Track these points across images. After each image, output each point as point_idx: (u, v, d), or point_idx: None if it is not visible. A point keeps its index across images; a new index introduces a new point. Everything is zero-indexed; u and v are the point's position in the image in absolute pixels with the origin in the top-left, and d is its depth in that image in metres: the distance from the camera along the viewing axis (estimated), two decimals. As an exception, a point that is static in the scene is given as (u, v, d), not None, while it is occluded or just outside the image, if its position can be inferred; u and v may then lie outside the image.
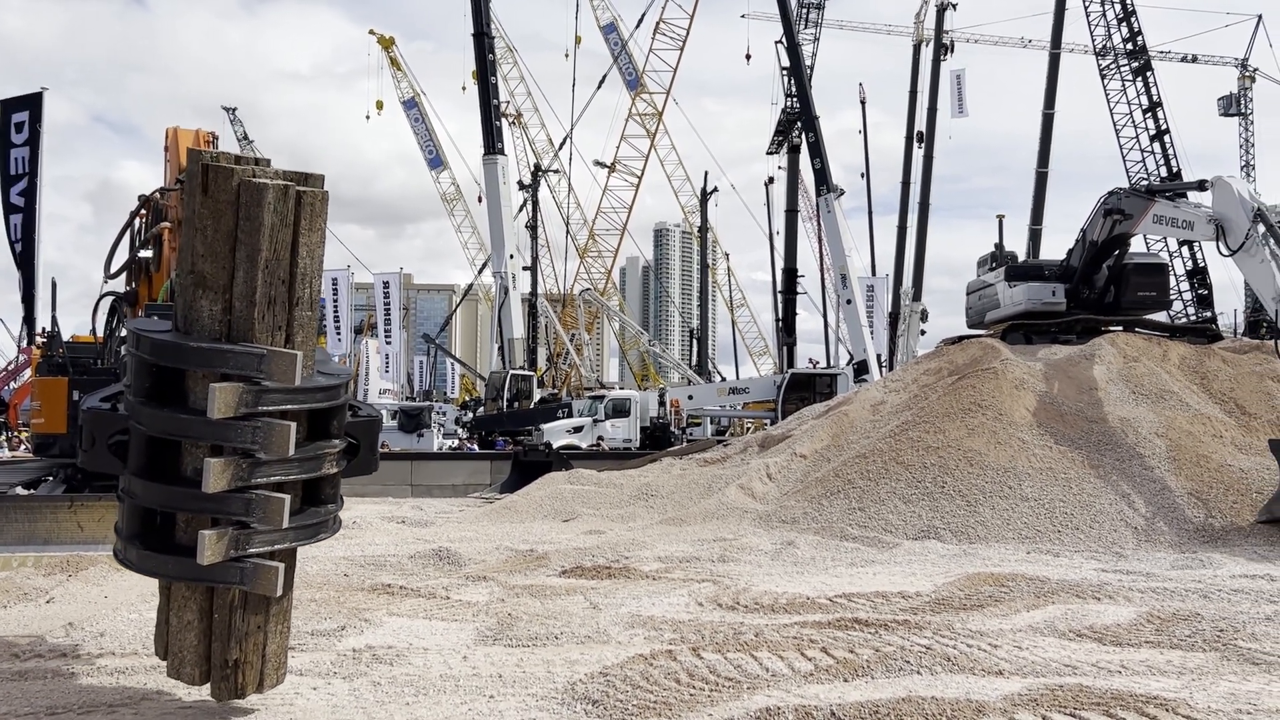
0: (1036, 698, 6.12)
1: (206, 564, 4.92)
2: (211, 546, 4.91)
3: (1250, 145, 69.40)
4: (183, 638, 5.28)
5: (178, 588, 5.29)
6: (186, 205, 5.25)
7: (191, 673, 5.31)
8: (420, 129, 70.90)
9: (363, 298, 72.73)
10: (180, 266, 5.27)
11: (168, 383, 5.13)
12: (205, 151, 5.21)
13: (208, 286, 5.11)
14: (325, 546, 13.61)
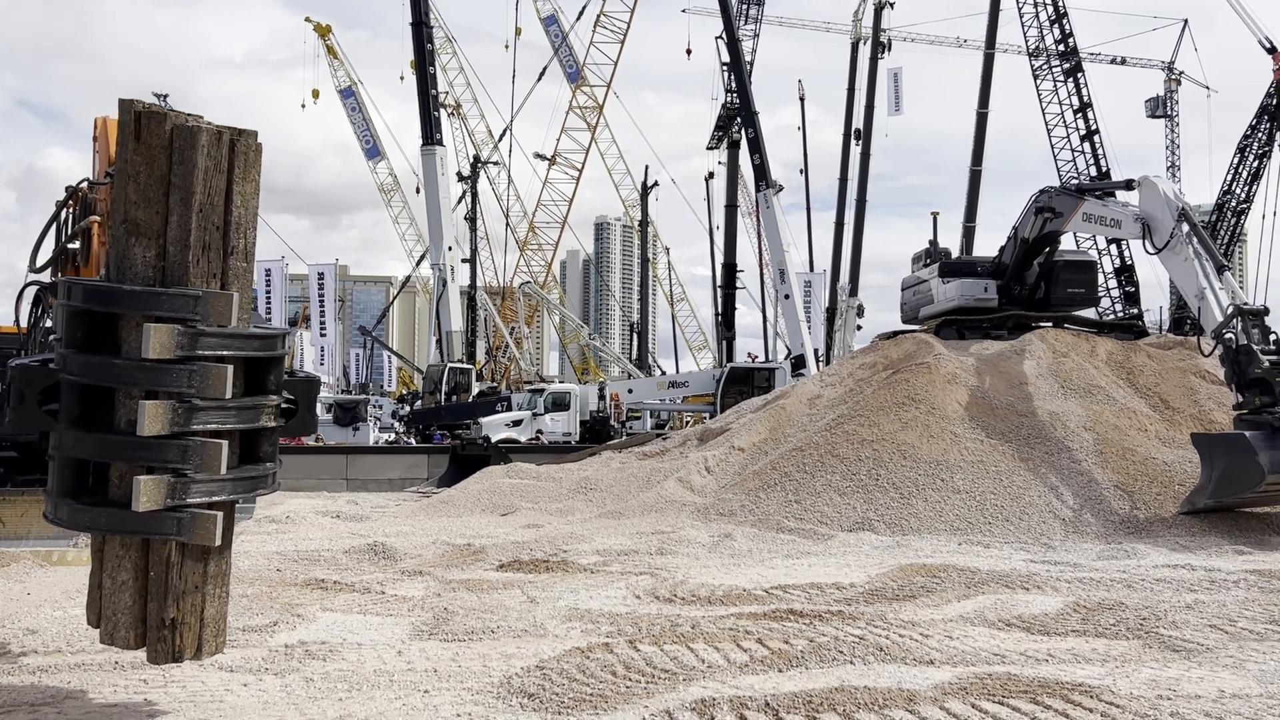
0: (966, 686, 6.23)
1: (142, 511, 4.80)
2: (147, 493, 4.79)
3: (1176, 147, 71.22)
4: (117, 599, 5.13)
5: (111, 547, 5.14)
6: (119, 155, 5.17)
7: (126, 635, 5.15)
8: (357, 119, 70.00)
9: (297, 289, 71.62)
10: (113, 217, 5.17)
11: (100, 330, 5.02)
12: (136, 100, 5.14)
13: (141, 233, 5.03)
14: (257, 542, 13.41)
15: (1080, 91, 46.50)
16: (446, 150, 45.25)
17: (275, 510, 16.93)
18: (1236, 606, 9.03)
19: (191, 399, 4.88)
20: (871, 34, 53.30)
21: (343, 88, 69.35)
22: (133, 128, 5.03)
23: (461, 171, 59.01)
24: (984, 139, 50.75)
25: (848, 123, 54.32)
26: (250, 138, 5.25)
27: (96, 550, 5.26)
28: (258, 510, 15.05)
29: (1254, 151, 47.81)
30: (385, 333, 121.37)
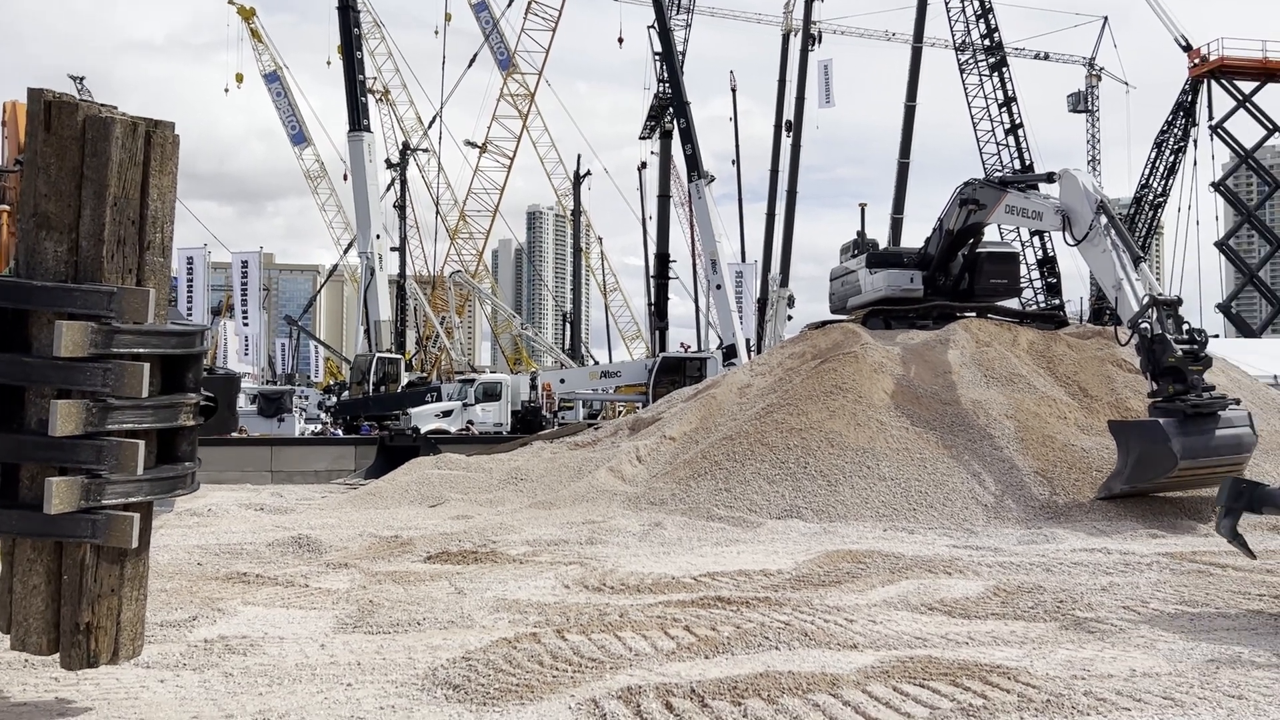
0: (888, 669, 6.33)
1: (54, 513, 4.66)
2: (60, 495, 4.65)
3: (1096, 141, 72.97)
4: (28, 604, 4.98)
5: (22, 549, 4.98)
6: (28, 146, 5.01)
7: (39, 641, 5.00)
8: (283, 104, 68.65)
9: (220, 278, 70.10)
10: (22, 211, 5.00)
11: (10, 328, 4.86)
12: (46, 90, 4.97)
13: (52, 227, 4.86)
14: (177, 535, 13.12)
15: (1005, 86, 47.40)
16: (374, 137, 44.66)
17: (197, 503, 16.58)
18: (1149, 588, 9.31)
19: (106, 398, 4.75)
20: (802, 26, 53.65)
21: (268, 72, 67.98)
22: (43, 118, 4.86)
23: (390, 159, 58.25)
24: (912, 132, 51.45)
25: (779, 114, 54.70)
26: (167, 129, 5.11)
27: (6, 553, 5.09)
28: (178, 503, 14.74)
29: (1170, 146, 49.14)
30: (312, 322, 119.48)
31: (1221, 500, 7.84)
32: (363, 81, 42.79)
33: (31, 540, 4.90)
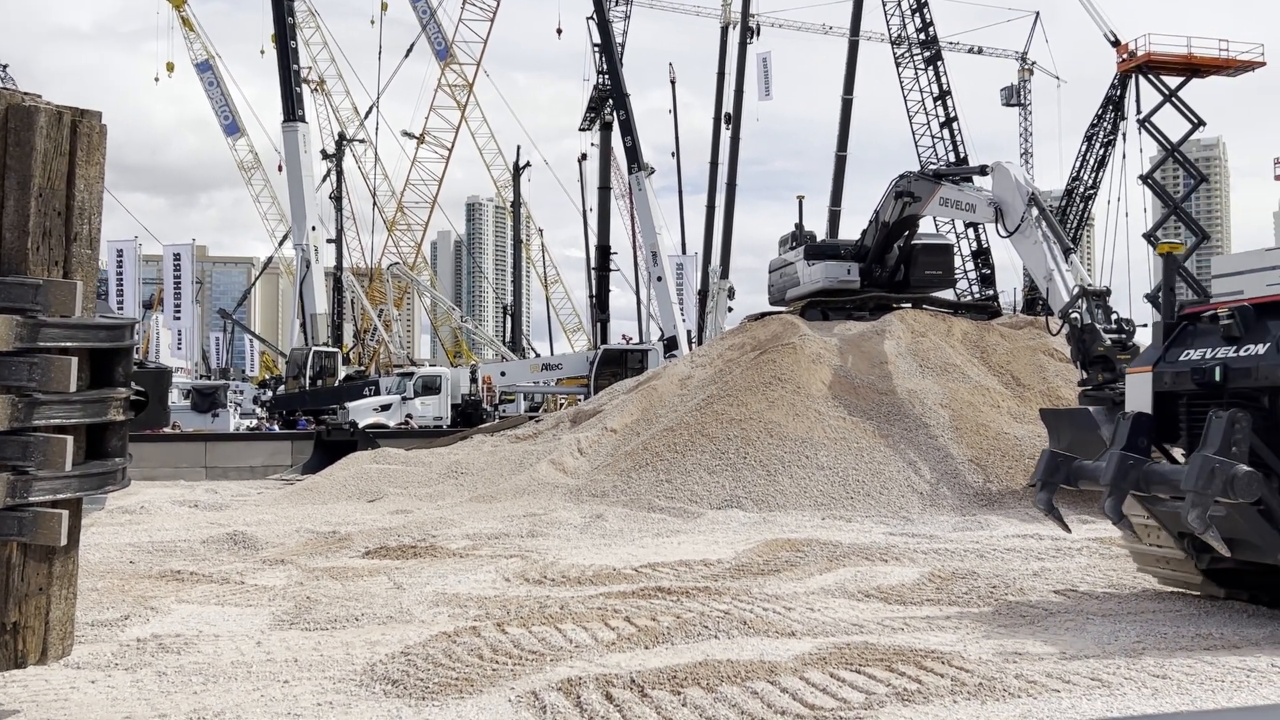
0: (825, 656, 6.42)
1: None
2: None
3: (1029, 134, 74.29)
4: None
5: None
6: None
7: None
8: (215, 93, 67.31)
9: (152, 271, 68.66)
10: None
11: None
12: None
13: None
14: (109, 533, 12.86)
15: (940, 79, 48.02)
16: (309, 127, 44.00)
17: (129, 500, 16.26)
18: (1079, 573, 9.54)
19: (33, 393, 4.65)
20: (740, 19, 53.84)
21: (199, 61, 66.59)
22: None
23: (326, 149, 57.46)
24: (849, 125, 51.90)
25: (718, 107, 54.86)
26: (94, 118, 5.01)
27: None
28: (110, 501, 14.45)
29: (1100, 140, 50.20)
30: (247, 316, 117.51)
31: (1037, 475, 7.90)
32: (297, 71, 42.11)
33: None
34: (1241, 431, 6.81)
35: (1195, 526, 6.72)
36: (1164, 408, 7.87)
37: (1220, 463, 6.67)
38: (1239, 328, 7.43)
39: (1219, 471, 6.64)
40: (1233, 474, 6.64)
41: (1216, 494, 6.65)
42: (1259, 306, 7.57)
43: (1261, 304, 7.60)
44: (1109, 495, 7.29)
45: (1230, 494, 6.65)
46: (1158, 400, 7.88)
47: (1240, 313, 7.50)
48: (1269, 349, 7.16)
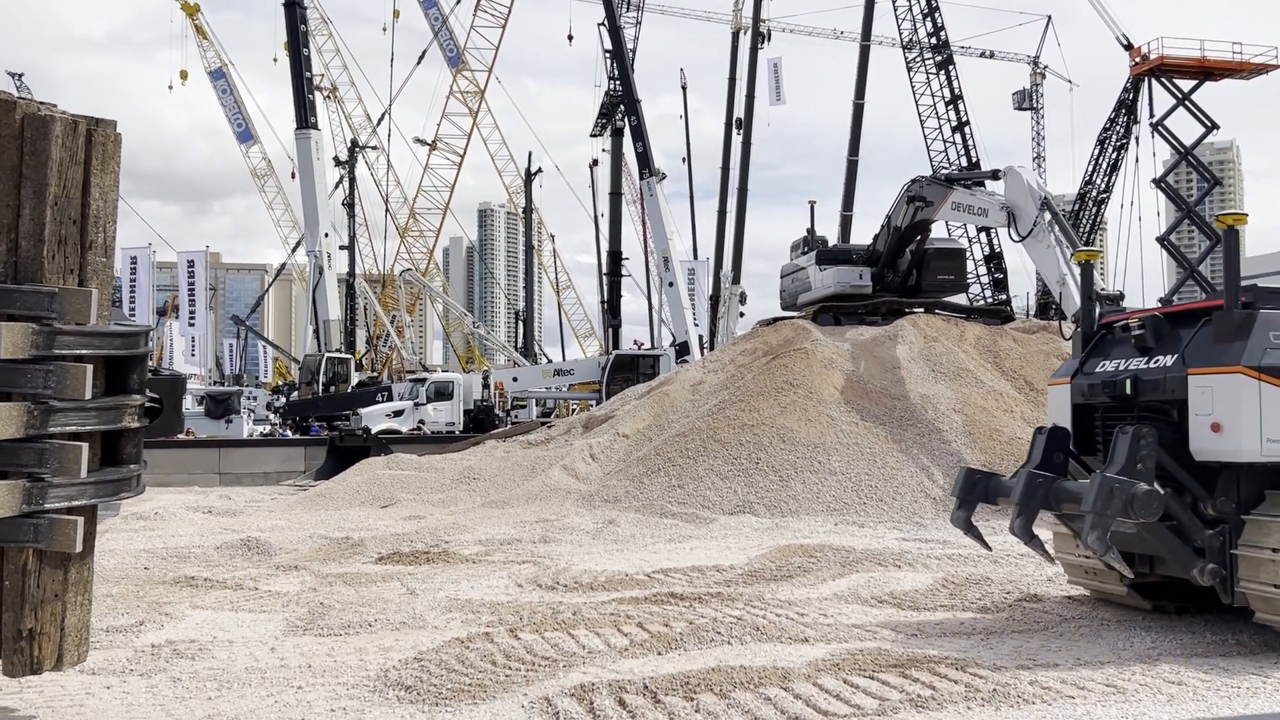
0: (839, 662, 6.40)
1: None
2: (1, 499, 4.57)
3: (1041, 138, 74.05)
4: None
5: None
6: None
7: None
8: (229, 101, 67.63)
9: (166, 278, 68.93)
10: None
11: None
12: None
13: None
14: (123, 539, 12.91)
15: (951, 84, 47.92)
16: (322, 134, 44.19)
17: (144, 507, 16.32)
18: (1093, 578, 9.48)
19: (48, 400, 4.67)
20: (752, 24, 53.84)
21: (213, 69, 66.92)
22: None
23: (339, 156, 57.61)
24: (860, 129, 51.82)
25: (729, 112, 54.86)
26: (109, 127, 5.04)
27: None
28: (124, 507, 14.52)
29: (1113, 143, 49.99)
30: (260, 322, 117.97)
31: (956, 491, 7.71)
32: (310, 78, 42.31)
33: None
34: (1147, 447, 6.65)
35: (1095, 548, 6.54)
36: (1082, 421, 7.72)
37: (1119, 482, 6.50)
38: (1151, 338, 7.28)
39: (1118, 491, 6.47)
40: (1132, 493, 6.47)
41: (1116, 514, 6.49)
42: (1170, 316, 7.41)
43: (1173, 314, 7.45)
44: (1017, 515, 7.10)
45: (1130, 514, 6.49)
46: (1076, 413, 7.75)
47: (1151, 323, 7.34)
48: (1176, 360, 7.00)
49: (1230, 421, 6.61)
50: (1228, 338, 6.78)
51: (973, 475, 7.60)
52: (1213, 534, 6.80)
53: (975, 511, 7.62)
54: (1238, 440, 6.58)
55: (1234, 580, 6.69)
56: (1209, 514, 6.86)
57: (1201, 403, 6.76)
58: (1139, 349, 7.37)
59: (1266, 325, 6.74)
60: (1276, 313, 6.80)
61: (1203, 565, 6.77)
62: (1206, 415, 6.73)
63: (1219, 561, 6.76)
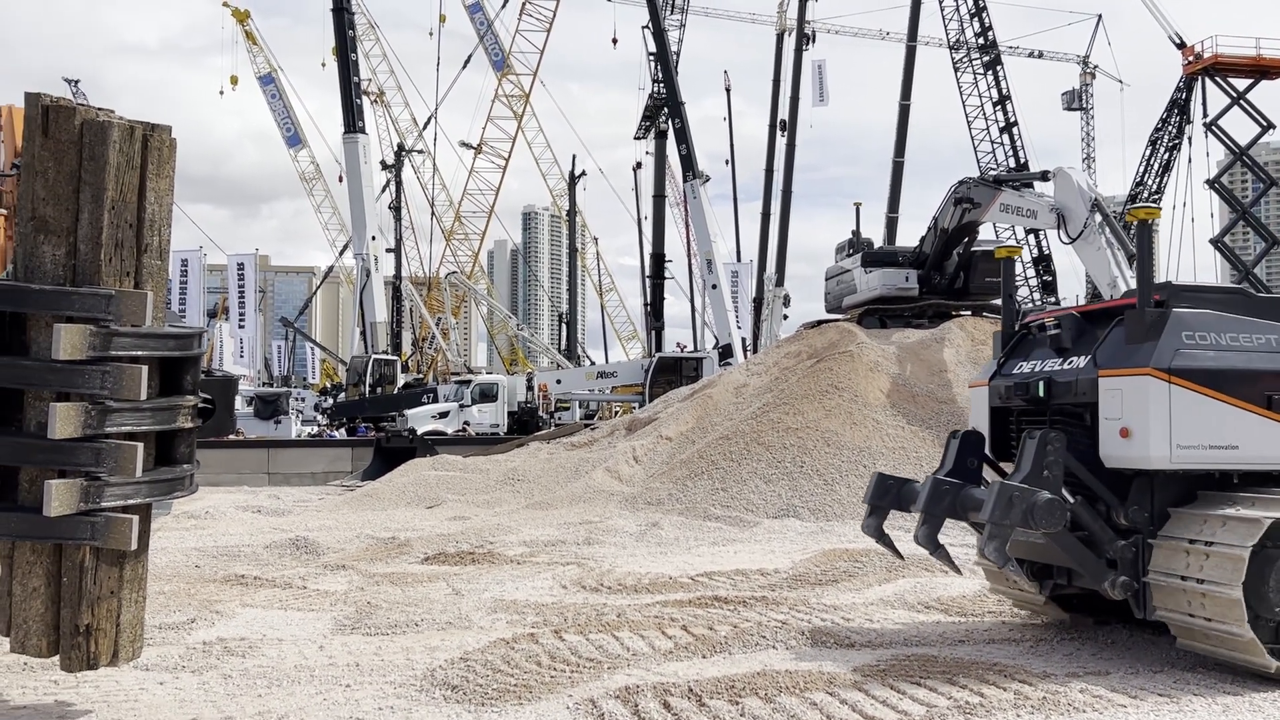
0: (885, 668, 6.35)
1: (54, 516, 4.68)
2: (59, 497, 4.66)
3: (1091, 139, 73.07)
4: (28, 606, 4.98)
5: (22, 552, 4.99)
6: (25, 150, 5.03)
7: (39, 644, 5.01)
8: (278, 106, 68.54)
9: (216, 280, 70.01)
10: (20, 215, 5.02)
11: (8, 331, 4.88)
12: (44, 94, 4.99)
13: (50, 231, 4.89)
14: (175, 538, 13.12)
15: (999, 84, 47.43)
16: (369, 138, 44.70)
17: (194, 506, 16.58)
18: (1145, 585, 9.32)
19: (105, 400, 4.76)
20: (796, 25, 53.64)
21: (262, 74, 67.87)
22: (40, 122, 4.88)
23: (385, 160, 58.21)
24: (906, 131, 51.43)
25: (773, 114, 54.66)
26: (164, 132, 5.13)
27: (5, 556, 5.09)
28: (176, 506, 14.76)
29: (1164, 144, 49.22)
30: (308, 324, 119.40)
31: (867, 498, 7.35)
32: (357, 83, 42.81)
33: (31, 543, 4.91)
34: (1054, 453, 6.31)
35: (994, 560, 6.20)
36: (1000, 424, 7.40)
37: (1019, 491, 6.14)
38: (1068, 338, 6.94)
39: (1018, 500, 6.10)
40: (1033, 503, 6.11)
41: (1016, 524, 6.13)
42: (1086, 315, 7.09)
43: (1089, 312, 7.12)
44: (921, 523, 6.79)
45: (1031, 524, 6.12)
46: (994, 416, 7.42)
47: (1067, 322, 7.01)
48: (1088, 362, 6.65)
49: (1139, 426, 6.22)
50: (1139, 338, 6.41)
51: (884, 481, 7.28)
52: (1125, 545, 6.40)
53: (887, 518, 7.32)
54: (1146, 446, 6.19)
55: (1146, 595, 6.32)
56: (1122, 524, 6.47)
57: (1111, 406, 6.40)
58: (1056, 350, 7.03)
59: (1179, 325, 6.37)
60: (1191, 312, 6.44)
61: (1114, 578, 6.37)
62: (1116, 419, 6.36)
63: (1131, 574, 6.37)
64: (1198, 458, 6.22)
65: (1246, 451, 6.26)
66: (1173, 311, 6.43)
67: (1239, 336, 6.42)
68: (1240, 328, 6.46)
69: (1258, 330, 6.47)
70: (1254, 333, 6.46)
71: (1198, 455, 6.21)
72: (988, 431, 7.42)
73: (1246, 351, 6.38)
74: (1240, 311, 6.56)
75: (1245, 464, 6.32)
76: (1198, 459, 6.23)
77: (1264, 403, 6.28)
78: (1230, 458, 6.27)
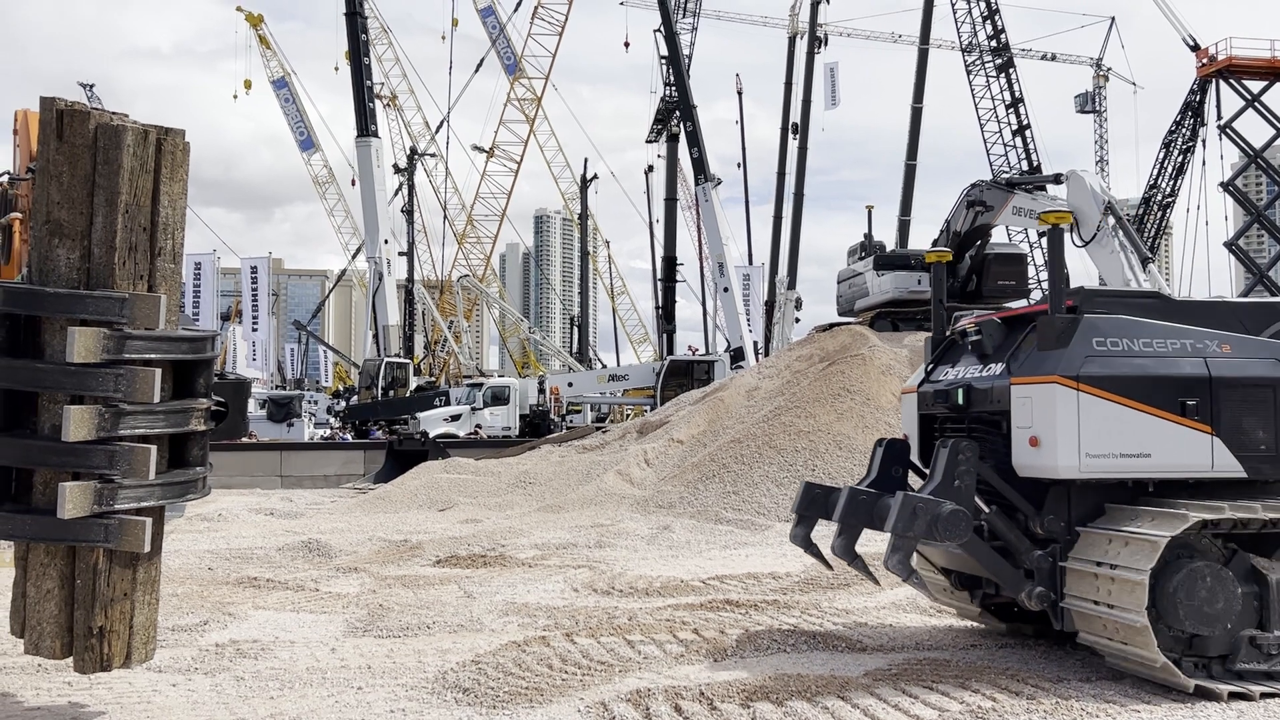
0: (898, 673, 6.33)
1: (68, 518, 4.70)
2: (73, 499, 4.68)
3: (1104, 141, 72.87)
4: (42, 608, 5.01)
5: (36, 554, 5.02)
6: (40, 154, 5.06)
7: (52, 645, 5.03)
8: (291, 110, 68.83)
9: (229, 283, 70.33)
10: (35, 218, 5.05)
11: (23, 334, 4.91)
12: (58, 99, 5.02)
13: (64, 234, 4.92)
14: (188, 540, 13.17)
15: (1012, 87, 47.36)
16: (382, 142, 44.78)
17: (207, 508, 16.65)
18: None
19: (119, 403, 4.78)
20: (808, 28, 53.65)
21: (275, 79, 68.18)
22: (55, 126, 4.91)
23: (398, 164, 58.34)
24: (919, 133, 51.40)
25: (785, 117, 54.67)
26: (178, 136, 5.16)
27: (20, 558, 5.13)
28: (189, 508, 14.83)
29: (1178, 146, 49.02)
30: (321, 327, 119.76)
31: (795, 507, 7.24)
32: (370, 87, 42.93)
33: (45, 545, 4.94)
34: (966, 463, 6.16)
35: (897, 573, 6.06)
36: (927, 431, 7.25)
37: (923, 503, 6.01)
38: (989, 344, 6.78)
39: (922, 511, 5.98)
40: (937, 514, 5.97)
41: (920, 536, 6.00)
42: (1007, 320, 6.93)
43: (1010, 318, 6.95)
44: (838, 533, 6.69)
45: (935, 536, 5.99)
46: (922, 423, 7.28)
47: (988, 328, 6.86)
48: (1004, 369, 6.50)
49: (1047, 435, 6.05)
50: (1049, 345, 6.26)
51: (812, 490, 7.18)
52: (1041, 555, 6.23)
53: (814, 528, 7.20)
54: (1054, 455, 6.00)
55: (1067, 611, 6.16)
56: (1039, 533, 6.30)
57: (1021, 415, 6.24)
58: (979, 356, 6.89)
59: (1090, 331, 6.20)
60: (1102, 318, 6.28)
61: (1031, 588, 6.20)
62: (1026, 428, 6.20)
63: (1048, 584, 6.20)
64: (1108, 467, 6.05)
65: (1159, 460, 6.08)
66: (1084, 318, 6.28)
67: (1153, 342, 6.23)
68: (1154, 333, 6.28)
69: (1173, 335, 6.28)
70: (1169, 338, 6.27)
71: (1108, 464, 6.04)
72: (916, 439, 7.30)
73: (1160, 357, 6.19)
74: (1156, 316, 6.38)
75: (1158, 472, 6.15)
76: (1108, 468, 6.06)
77: (1177, 409, 6.09)
78: (1142, 466, 6.09)
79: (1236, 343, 6.35)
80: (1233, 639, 5.87)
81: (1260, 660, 5.90)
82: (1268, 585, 5.91)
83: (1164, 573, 5.77)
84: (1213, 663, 5.89)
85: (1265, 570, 5.95)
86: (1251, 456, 6.17)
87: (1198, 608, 5.79)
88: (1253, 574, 5.96)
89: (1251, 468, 6.18)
